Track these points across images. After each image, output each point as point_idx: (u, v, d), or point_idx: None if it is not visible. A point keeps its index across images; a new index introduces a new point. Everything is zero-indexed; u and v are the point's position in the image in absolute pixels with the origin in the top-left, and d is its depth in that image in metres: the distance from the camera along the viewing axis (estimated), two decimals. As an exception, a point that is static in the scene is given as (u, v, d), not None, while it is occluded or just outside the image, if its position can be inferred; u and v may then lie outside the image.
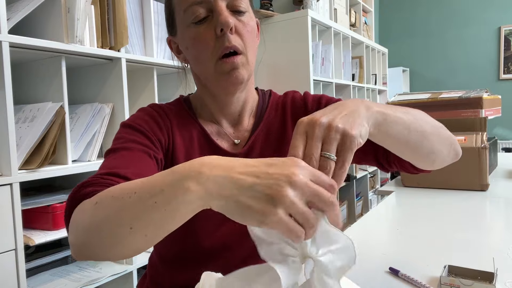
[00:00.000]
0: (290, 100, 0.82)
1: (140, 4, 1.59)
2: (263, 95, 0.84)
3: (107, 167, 0.58)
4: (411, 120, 0.62)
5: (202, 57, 0.69)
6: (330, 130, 0.47)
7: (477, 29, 4.92)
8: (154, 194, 0.44)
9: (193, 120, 0.78)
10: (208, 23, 0.68)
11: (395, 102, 1.89)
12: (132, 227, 0.44)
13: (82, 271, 1.40)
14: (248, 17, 0.71)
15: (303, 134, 0.47)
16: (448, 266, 0.72)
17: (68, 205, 0.53)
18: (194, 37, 0.69)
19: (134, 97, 1.65)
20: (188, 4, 0.68)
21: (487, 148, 1.46)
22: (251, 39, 0.71)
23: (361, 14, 3.69)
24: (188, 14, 0.68)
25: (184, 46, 0.73)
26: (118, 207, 0.45)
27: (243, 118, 0.79)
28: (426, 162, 0.69)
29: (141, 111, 0.76)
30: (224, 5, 0.68)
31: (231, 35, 0.67)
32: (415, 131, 0.62)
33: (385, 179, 4.05)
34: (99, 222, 0.46)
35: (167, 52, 1.68)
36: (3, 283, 1.08)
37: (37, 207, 1.23)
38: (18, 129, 1.24)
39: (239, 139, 0.78)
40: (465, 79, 4.99)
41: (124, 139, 0.66)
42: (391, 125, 0.58)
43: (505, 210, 1.24)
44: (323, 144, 0.47)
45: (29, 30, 1.27)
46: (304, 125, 0.48)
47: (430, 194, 1.47)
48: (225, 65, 0.68)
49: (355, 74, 3.42)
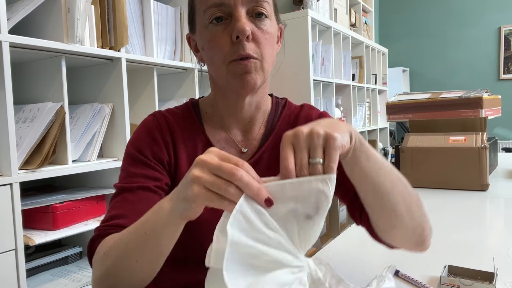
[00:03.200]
0: (304, 116, 0.80)
1: (140, 4, 1.59)
2: (276, 103, 0.82)
3: (111, 216, 0.67)
4: (386, 168, 0.60)
5: (215, 59, 0.69)
6: (313, 136, 0.49)
7: (477, 29, 4.92)
8: (144, 225, 0.56)
9: (199, 130, 0.77)
10: (226, 27, 0.67)
11: (395, 102, 1.89)
12: (137, 259, 0.56)
13: (82, 271, 1.40)
14: (268, 24, 0.69)
15: (290, 146, 0.50)
16: (448, 266, 0.72)
17: (88, 257, 0.66)
18: (210, 39, 0.68)
19: (134, 97, 1.65)
20: (208, 5, 0.67)
21: (487, 148, 1.46)
22: (268, 46, 0.69)
23: (361, 14, 3.69)
24: (207, 15, 0.67)
25: (200, 45, 0.73)
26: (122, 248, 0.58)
27: (254, 125, 0.78)
28: (385, 221, 0.63)
29: (143, 128, 0.76)
30: (243, 11, 0.66)
31: (247, 43, 0.66)
32: (383, 176, 0.59)
33: (385, 179, 4.05)
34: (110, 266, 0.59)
35: (167, 52, 1.68)
36: (3, 283, 1.08)
37: (37, 207, 1.23)
38: (18, 129, 1.24)
39: (247, 147, 0.77)
40: (465, 79, 4.99)
41: (126, 173, 0.71)
42: (364, 155, 0.57)
43: (505, 210, 1.24)
44: (309, 151, 0.49)
45: (29, 30, 1.27)
46: (290, 137, 0.51)
47: (430, 194, 1.47)
48: (238, 67, 0.67)
49: (355, 74, 3.42)
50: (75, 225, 1.30)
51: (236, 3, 0.66)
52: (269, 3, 0.70)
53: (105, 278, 0.61)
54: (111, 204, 0.70)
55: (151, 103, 1.62)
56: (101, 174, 1.48)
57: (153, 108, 1.61)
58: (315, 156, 0.49)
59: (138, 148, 0.73)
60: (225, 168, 0.47)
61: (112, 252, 0.59)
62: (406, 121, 1.82)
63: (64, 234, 1.25)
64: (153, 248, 0.56)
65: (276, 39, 0.73)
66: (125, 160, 0.74)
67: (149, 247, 0.56)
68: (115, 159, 1.45)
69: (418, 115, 1.79)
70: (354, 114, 3.19)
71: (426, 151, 1.57)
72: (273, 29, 0.71)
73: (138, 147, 0.73)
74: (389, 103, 1.90)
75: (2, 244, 1.07)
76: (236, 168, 0.47)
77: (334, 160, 0.49)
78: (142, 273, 0.59)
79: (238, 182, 0.46)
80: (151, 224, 0.55)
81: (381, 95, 4.10)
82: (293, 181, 0.48)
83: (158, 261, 0.58)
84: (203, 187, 0.47)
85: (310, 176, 0.48)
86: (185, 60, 1.75)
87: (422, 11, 5.19)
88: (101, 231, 0.65)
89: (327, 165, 0.48)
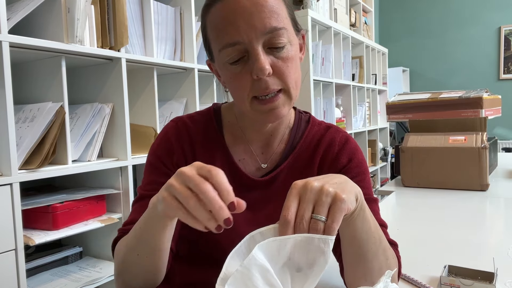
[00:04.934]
0: (328, 140, 0.77)
1: (140, 4, 1.59)
2: (300, 118, 0.80)
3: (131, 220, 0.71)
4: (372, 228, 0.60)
5: (239, 95, 0.67)
6: (322, 193, 0.50)
7: (477, 29, 4.92)
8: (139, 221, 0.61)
9: (220, 141, 0.76)
10: (244, 65, 0.64)
11: (395, 102, 1.89)
12: (138, 253, 0.62)
13: (82, 271, 1.40)
14: (288, 49, 0.65)
15: (297, 196, 0.50)
16: (448, 266, 0.72)
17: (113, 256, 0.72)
18: (231, 77, 0.66)
19: (134, 97, 1.65)
20: (222, 45, 0.64)
21: (487, 148, 1.46)
22: (292, 72, 0.66)
23: (361, 14, 3.69)
24: (223, 55, 0.65)
25: (222, 78, 0.71)
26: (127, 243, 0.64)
27: (275, 139, 0.77)
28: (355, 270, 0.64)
29: (164, 135, 0.76)
30: (260, 46, 0.63)
31: (269, 79, 0.63)
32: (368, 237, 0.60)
33: (385, 179, 4.05)
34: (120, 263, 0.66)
35: (167, 52, 1.68)
36: (3, 283, 1.08)
37: (37, 207, 1.23)
38: (18, 129, 1.24)
39: (266, 162, 0.76)
40: (465, 79, 4.99)
41: (148, 180, 0.75)
42: (361, 219, 0.57)
43: (505, 210, 1.24)
44: (315, 206, 0.49)
45: (29, 30, 1.27)
46: (298, 188, 0.51)
47: (430, 194, 1.47)
48: (262, 106, 0.65)
49: (355, 74, 3.42)
50: (75, 225, 1.30)
51: (250, 39, 0.62)
52: (286, 27, 0.65)
53: (120, 274, 0.67)
54: (133, 207, 0.74)
55: (151, 103, 1.62)
56: (101, 174, 1.48)
57: (153, 108, 1.61)
58: (320, 213, 0.49)
59: (159, 156, 0.74)
60: (194, 180, 0.49)
61: (122, 249, 0.66)
62: (406, 121, 1.82)
63: (64, 234, 1.25)
64: (147, 241, 0.60)
65: (298, 57, 0.70)
66: (146, 166, 0.76)
67: (143, 241, 0.61)
68: (115, 159, 1.45)
69: (418, 115, 1.79)
70: (354, 114, 3.19)
71: (426, 151, 1.57)
72: (294, 50, 0.67)
73: (158, 156, 0.75)
74: (389, 103, 1.90)
75: (2, 244, 1.07)
76: (203, 182, 0.48)
77: (337, 221, 0.49)
78: (146, 267, 0.63)
79: (203, 195, 0.48)
80: (144, 220, 0.60)
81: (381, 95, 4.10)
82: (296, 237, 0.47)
83: (156, 254, 0.62)
84: (170, 194, 0.50)
85: (313, 234, 0.48)
86: (185, 60, 1.75)
87: (422, 11, 5.19)
88: (121, 233, 0.71)
89: (329, 224, 0.49)
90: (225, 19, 0.63)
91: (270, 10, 0.63)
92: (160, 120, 1.71)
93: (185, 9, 1.74)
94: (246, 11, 0.62)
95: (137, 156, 1.50)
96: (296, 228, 0.48)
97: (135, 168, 1.63)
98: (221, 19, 0.64)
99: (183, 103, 1.76)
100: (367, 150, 3.42)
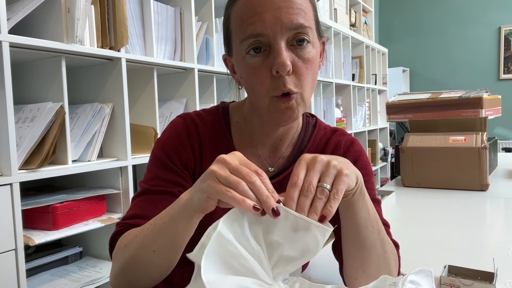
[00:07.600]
0: (334, 143, 0.78)
1: (140, 4, 1.59)
2: (307, 123, 0.80)
3: (133, 215, 0.69)
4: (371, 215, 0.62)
5: (256, 91, 0.66)
6: (329, 165, 0.53)
7: (477, 29, 4.92)
8: (162, 216, 0.58)
9: (228, 142, 0.75)
10: (265, 58, 0.63)
11: (395, 102, 1.89)
12: (154, 249, 0.59)
13: (82, 271, 1.40)
14: (310, 49, 0.65)
15: (305, 166, 0.53)
16: (448, 266, 0.72)
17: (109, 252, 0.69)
18: (249, 71, 0.65)
19: (134, 97, 1.65)
20: (245, 36, 0.63)
21: (487, 148, 1.46)
22: (310, 75, 0.66)
23: (361, 14, 3.69)
24: (244, 46, 0.64)
25: (239, 72, 0.71)
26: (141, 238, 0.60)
27: (283, 143, 0.77)
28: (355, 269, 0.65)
29: (173, 130, 0.75)
30: (283, 42, 0.62)
31: (287, 77, 0.63)
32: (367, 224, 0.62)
33: (385, 179, 4.06)
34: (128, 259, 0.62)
35: (167, 52, 1.68)
36: (3, 283, 1.08)
37: (37, 207, 1.23)
38: (18, 129, 1.24)
39: (273, 166, 0.76)
40: (465, 79, 4.99)
41: (152, 174, 0.72)
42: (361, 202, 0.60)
43: (505, 210, 1.24)
44: (321, 176, 0.52)
45: (29, 30, 1.27)
46: (307, 159, 0.54)
47: (430, 194, 1.47)
48: (280, 104, 0.65)
49: (355, 74, 3.42)
50: (75, 225, 1.30)
51: (275, 33, 0.61)
52: (311, 26, 0.65)
53: (122, 272, 0.64)
54: (134, 202, 0.72)
55: (151, 103, 1.62)
56: (101, 174, 1.48)
57: (153, 108, 1.61)
58: (326, 182, 0.51)
59: (166, 152, 0.73)
60: (242, 171, 0.50)
61: (132, 244, 0.62)
62: (406, 121, 1.82)
63: (64, 234, 1.25)
64: (168, 237, 0.58)
65: (318, 61, 0.69)
66: (152, 160, 0.74)
67: (165, 236, 0.58)
68: (115, 159, 1.45)
69: (418, 115, 1.79)
70: (354, 114, 3.19)
71: (426, 151, 1.57)
72: (315, 53, 0.67)
73: (166, 151, 0.73)
74: (389, 103, 1.90)
75: (2, 244, 1.07)
76: (252, 173, 0.50)
77: (341, 190, 0.52)
78: (158, 267, 0.61)
79: (251, 185, 0.49)
80: (169, 214, 0.57)
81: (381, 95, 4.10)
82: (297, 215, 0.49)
83: (173, 252, 0.59)
84: (216, 180, 0.50)
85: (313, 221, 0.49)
86: (185, 60, 1.75)
87: (422, 11, 5.19)
88: (122, 227, 0.68)
89: (334, 192, 0.51)
90: (253, 10, 0.63)
91: (298, 8, 0.63)
92: (160, 120, 1.71)
93: (185, 9, 1.74)
94: (274, 4, 0.62)
95: (137, 156, 1.50)
96: (303, 191, 0.51)
97: (135, 168, 1.63)
98: (248, 10, 0.63)
99: (183, 103, 1.76)
100: (367, 150, 3.42)
